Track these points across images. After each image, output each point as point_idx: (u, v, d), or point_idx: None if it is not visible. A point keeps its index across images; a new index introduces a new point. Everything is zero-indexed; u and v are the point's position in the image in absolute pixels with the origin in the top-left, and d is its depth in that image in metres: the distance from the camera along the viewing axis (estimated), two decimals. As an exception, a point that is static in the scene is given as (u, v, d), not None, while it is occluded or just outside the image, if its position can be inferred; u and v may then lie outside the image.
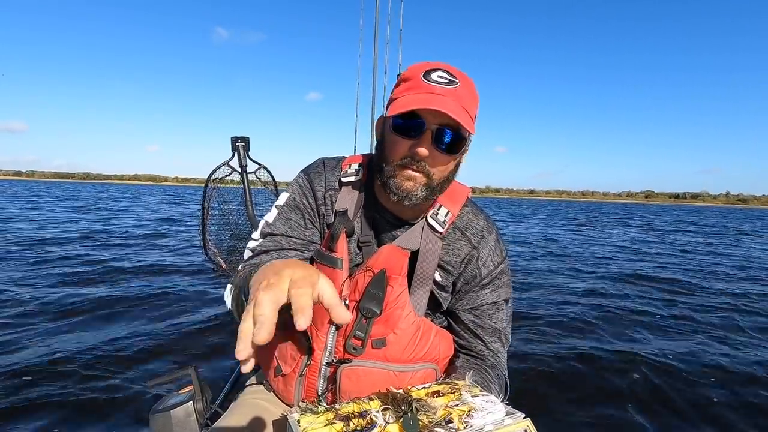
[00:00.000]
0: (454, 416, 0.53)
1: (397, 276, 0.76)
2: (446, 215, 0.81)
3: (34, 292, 4.31)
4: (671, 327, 3.67)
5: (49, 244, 7.40)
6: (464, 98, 0.72)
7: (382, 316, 0.74)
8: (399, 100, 0.72)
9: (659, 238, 12.98)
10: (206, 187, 1.77)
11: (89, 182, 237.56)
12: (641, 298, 4.73)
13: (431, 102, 0.68)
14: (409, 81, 0.74)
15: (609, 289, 5.09)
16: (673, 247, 10.50)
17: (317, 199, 0.86)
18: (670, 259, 8.21)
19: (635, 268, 6.67)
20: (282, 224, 0.85)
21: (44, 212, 13.76)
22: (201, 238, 1.81)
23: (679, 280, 5.81)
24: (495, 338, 0.85)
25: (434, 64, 0.75)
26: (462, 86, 0.72)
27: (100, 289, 4.55)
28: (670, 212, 46.15)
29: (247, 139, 1.75)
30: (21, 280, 4.75)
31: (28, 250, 6.72)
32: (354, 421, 0.51)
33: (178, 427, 1.05)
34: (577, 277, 5.76)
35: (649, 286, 5.36)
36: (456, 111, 0.68)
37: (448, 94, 0.70)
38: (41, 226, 9.97)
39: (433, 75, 0.72)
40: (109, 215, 13.94)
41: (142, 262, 6.23)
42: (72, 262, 6.02)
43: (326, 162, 0.89)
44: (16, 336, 3.08)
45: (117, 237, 8.73)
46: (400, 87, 0.76)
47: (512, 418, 0.55)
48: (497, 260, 0.85)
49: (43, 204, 18.26)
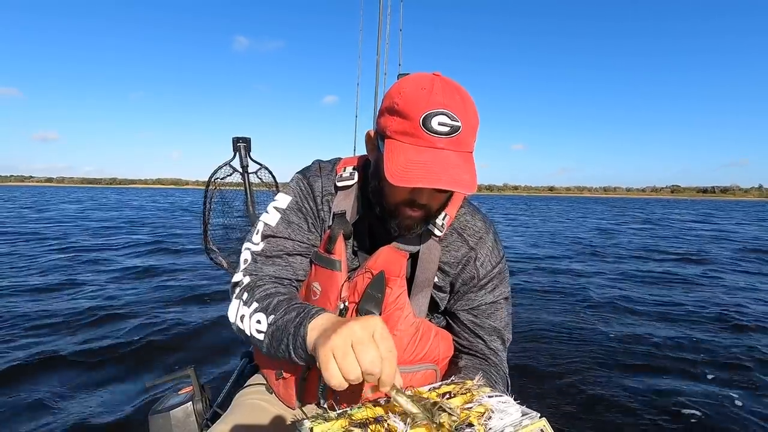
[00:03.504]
0: (473, 419, 0.52)
1: (396, 277, 0.76)
2: (444, 218, 0.80)
3: (35, 291, 4.32)
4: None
5: (38, 236, 7.41)
6: (466, 141, 0.67)
7: (382, 318, 0.74)
8: (398, 157, 0.65)
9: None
10: (207, 187, 1.77)
11: (115, 186, 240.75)
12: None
13: (435, 175, 0.63)
14: (405, 122, 0.66)
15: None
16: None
17: (317, 203, 0.85)
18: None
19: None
20: (285, 227, 0.82)
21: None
22: (202, 238, 1.81)
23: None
24: (495, 337, 0.85)
25: (434, 102, 0.64)
26: (464, 127, 0.65)
27: (100, 289, 4.55)
28: (724, 208, 41.65)
29: (248, 139, 1.75)
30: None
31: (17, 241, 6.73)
32: (371, 427, 0.50)
33: (177, 427, 1.04)
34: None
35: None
36: (459, 178, 0.64)
37: (451, 147, 0.65)
38: (47, 225, 9.99)
39: (433, 123, 0.64)
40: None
41: (142, 261, 6.24)
42: (72, 262, 6.03)
43: (322, 165, 0.88)
44: (15, 335, 3.08)
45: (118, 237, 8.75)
46: (394, 124, 0.67)
47: (529, 418, 0.55)
48: (495, 260, 0.84)
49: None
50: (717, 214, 26.93)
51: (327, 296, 0.77)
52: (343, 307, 0.76)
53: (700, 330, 3.60)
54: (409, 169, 0.64)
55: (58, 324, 3.34)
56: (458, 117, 0.65)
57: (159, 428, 1.04)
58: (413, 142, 0.66)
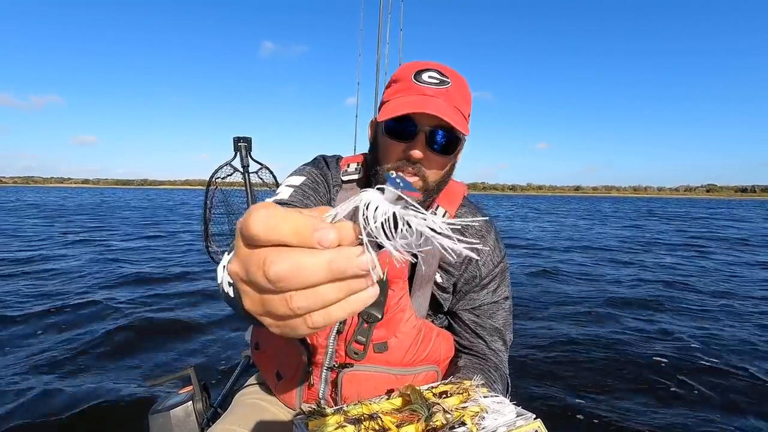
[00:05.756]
0: (467, 418, 0.52)
1: (397, 280, 0.76)
2: (444, 215, 0.80)
3: (33, 291, 4.32)
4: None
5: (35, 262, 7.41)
6: (456, 98, 0.71)
7: (384, 321, 0.74)
8: (390, 103, 0.71)
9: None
10: (208, 186, 1.77)
11: (147, 188, 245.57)
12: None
13: (422, 105, 0.67)
14: (399, 82, 0.73)
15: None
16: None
17: (329, 190, 0.84)
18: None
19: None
20: (300, 197, 0.76)
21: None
22: (203, 237, 1.81)
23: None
24: (496, 338, 0.85)
25: (425, 64, 0.73)
26: (454, 86, 0.71)
27: (97, 288, 4.56)
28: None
29: (249, 139, 1.75)
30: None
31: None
32: (365, 423, 0.50)
33: (177, 427, 1.04)
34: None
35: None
36: (448, 113, 0.67)
37: (440, 95, 0.69)
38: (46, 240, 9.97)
39: (423, 76, 0.70)
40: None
41: (142, 262, 6.25)
42: (71, 263, 6.04)
43: (327, 159, 0.89)
44: (15, 332, 3.09)
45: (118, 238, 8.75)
46: (390, 88, 0.74)
47: (524, 419, 0.55)
48: (497, 259, 0.84)
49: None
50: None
51: None
52: None
53: (705, 331, 3.59)
54: (398, 107, 0.68)
55: (58, 323, 3.34)
56: (449, 77, 0.71)
57: (159, 427, 1.04)
58: (405, 93, 0.71)
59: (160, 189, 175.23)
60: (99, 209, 18.87)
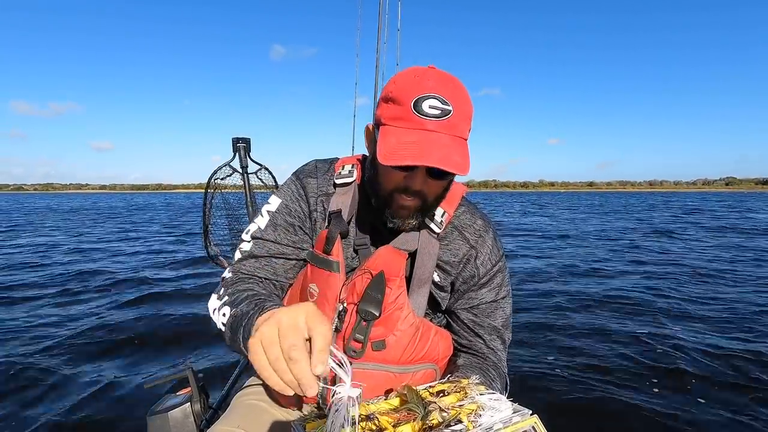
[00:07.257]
0: (463, 416, 0.52)
1: (395, 278, 0.75)
2: (442, 215, 0.80)
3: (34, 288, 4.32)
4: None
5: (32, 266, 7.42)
6: (458, 126, 0.67)
7: (382, 318, 0.74)
8: (388, 137, 0.67)
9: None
10: (207, 188, 1.77)
11: (161, 192, 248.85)
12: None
13: (424, 151, 0.64)
14: (397, 108, 0.68)
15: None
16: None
17: (310, 204, 0.84)
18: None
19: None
20: (272, 230, 0.83)
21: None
22: (203, 238, 1.82)
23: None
24: (495, 337, 0.85)
25: (425, 85, 0.66)
26: (456, 112, 0.66)
27: (96, 288, 4.56)
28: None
29: (248, 140, 1.76)
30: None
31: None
32: (362, 424, 0.50)
33: (175, 428, 1.04)
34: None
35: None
36: (450, 154, 0.64)
37: (442, 129, 0.66)
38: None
39: (424, 106, 0.65)
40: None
41: (141, 262, 6.25)
42: (71, 263, 6.04)
43: (319, 165, 0.88)
44: (17, 329, 3.08)
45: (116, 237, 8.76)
46: (388, 109, 0.69)
47: (520, 415, 0.55)
48: (495, 259, 0.84)
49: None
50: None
51: (325, 298, 0.77)
52: (342, 309, 0.76)
53: (708, 334, 3.58)
54: (399, 149, 0.65)
55: (57, 323, 3.34)
56: (449, 102, 0.66)
57: (157, 429, 1.04)
58: (405, 125, 0.67)
59: (173, 193, 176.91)
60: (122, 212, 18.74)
